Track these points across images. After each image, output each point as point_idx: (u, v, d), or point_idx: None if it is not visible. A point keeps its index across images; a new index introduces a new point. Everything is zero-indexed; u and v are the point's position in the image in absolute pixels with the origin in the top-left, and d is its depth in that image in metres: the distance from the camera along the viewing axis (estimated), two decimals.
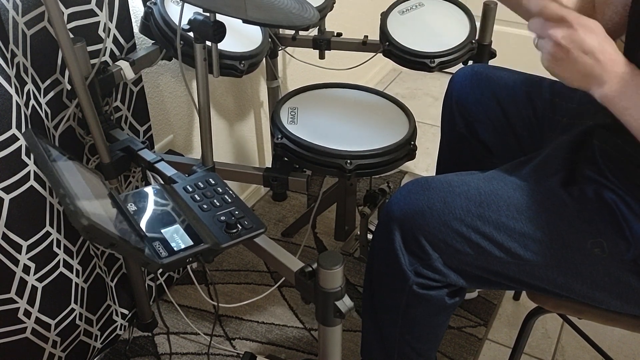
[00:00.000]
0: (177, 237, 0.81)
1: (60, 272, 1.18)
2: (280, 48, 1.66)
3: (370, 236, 1.58)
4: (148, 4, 1.20)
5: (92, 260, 1.28)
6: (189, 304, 1.55)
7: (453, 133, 1.28)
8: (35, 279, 1.13)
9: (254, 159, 1.93)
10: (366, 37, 1.54)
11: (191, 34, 1.00)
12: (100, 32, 1.16)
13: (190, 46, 1.11)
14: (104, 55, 1.19)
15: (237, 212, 0.89)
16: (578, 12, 0.84)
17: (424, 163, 2.12)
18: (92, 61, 1.13)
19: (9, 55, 1.00)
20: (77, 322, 1.26)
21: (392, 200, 0.99)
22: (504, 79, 1.18)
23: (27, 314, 1.14)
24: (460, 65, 1.40)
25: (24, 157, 1.04)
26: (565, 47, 0.80)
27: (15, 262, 1.08)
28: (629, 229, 0.87)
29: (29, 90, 1.06)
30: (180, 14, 1.07)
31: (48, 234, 1.12)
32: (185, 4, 1.12)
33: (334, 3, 1.57)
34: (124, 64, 1.19)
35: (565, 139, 1.01)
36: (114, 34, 1.20)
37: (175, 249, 0.79)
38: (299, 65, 1.96)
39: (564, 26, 0.81)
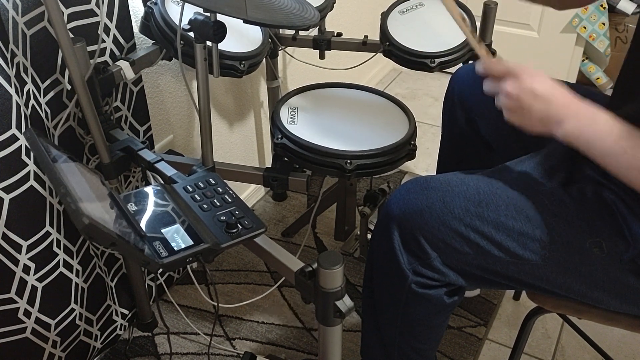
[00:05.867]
0: (178, 236, 0.81)
1: (60, 272, 1.18)
2: (280, 48, 1.66)
3: (370, 236, 1.58)
4: (148, 4, 1.20)
5: (92, 260, 1.28)
6: (189, 304, 1.55)
7: (454, 129, 1.28)
8: (35, 279, 1.13)
9: (254, 159, 1.93)
10: (366, 37, 1.54)
11: (191, 34, 1.00)
12: (100, 32, 1.16)
13: (190, 46, 1.11)
14: (102, 55, 1.19)
15: (237, 212, 0.89)
16: None
17: (424, 163, 2.12)
18: (93, 61, 1.13)
19: (9, 55, 1.00)
20: (77, 322, 1.26)
21: (391, 199, 0.99)
22: None
23: (27, 314, 1.14)
24: (461, 65, 1.40)
25: (24, 157, 1.04)
26: (516, 96, 0.85)
27: (15, 262, 1.08)
28: (628, 229, 0.87)
29: (29, 90, 1.06)
30: (181, 14, 1.07)
31: (48, 234, 1.12)
32: (186, 4, 1.12)
33: (334, 3, 1.57)
34: (124, 64, 1.19)
35: None
36: (114, 34, 1.20)
37: (175, 248, 0.79)
38: (299, 65, 1.96)
39: (511, 78, 0.86)
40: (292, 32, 1.60)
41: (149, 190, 0.92)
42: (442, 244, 0.94)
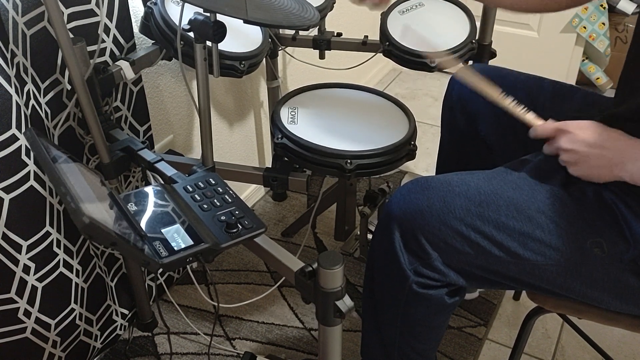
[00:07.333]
0: (178, 236, 0.81)
1: (60, 272, 1.18)
2: (280, 48, 1.66)
3: (370, 236, 1.58)
4: (148, 4, 1.20)
5: (92, 260, 1.28)
6: (189, 304, 1.55)
7: (454, 130, 1.28)
8: (35, 279, 1.13)
9: (254, 159, 1.93)
10: (366, 37, 1.54)
11: (191, 34, 1.00)
12: (100, 32, 1.16)
13: (190, 46, 1.11)
14: (102, 55, 1.19)
15: (237, 212, 0.89)
16: None
17: (424, 163, 2.12)
18: (92, 61, 1.13)
19: (9, 55, 1.00)
20: (77, 322, 1.26)
21: (392, 199, 0.99)
22: (506, 78, 1.18)
23: (27, 314, 1.14)
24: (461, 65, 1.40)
25: (24, 157, 1.04)
26: (571, 149, 0.89)
27: (15, 262, 1.08)
28: (628, 229, 0.87)
29: (29, 90, 1.06)
30: (181, 14, 1.07)
31: (48, 234, 1.12)
32: (186, 4, 1.12)
33: (334, 3, 1.57)
34: (124, 64, 1.19)
35: None
36: (114, 34, 1.20)
37: (175, 248, 0.79)
38: (299, 65, 1.96)
39: (562, 135, 0.90)
40: (292, 32, 1.60)
41: (149, 190, 0.92)
42: (443, 244, 0.94)
